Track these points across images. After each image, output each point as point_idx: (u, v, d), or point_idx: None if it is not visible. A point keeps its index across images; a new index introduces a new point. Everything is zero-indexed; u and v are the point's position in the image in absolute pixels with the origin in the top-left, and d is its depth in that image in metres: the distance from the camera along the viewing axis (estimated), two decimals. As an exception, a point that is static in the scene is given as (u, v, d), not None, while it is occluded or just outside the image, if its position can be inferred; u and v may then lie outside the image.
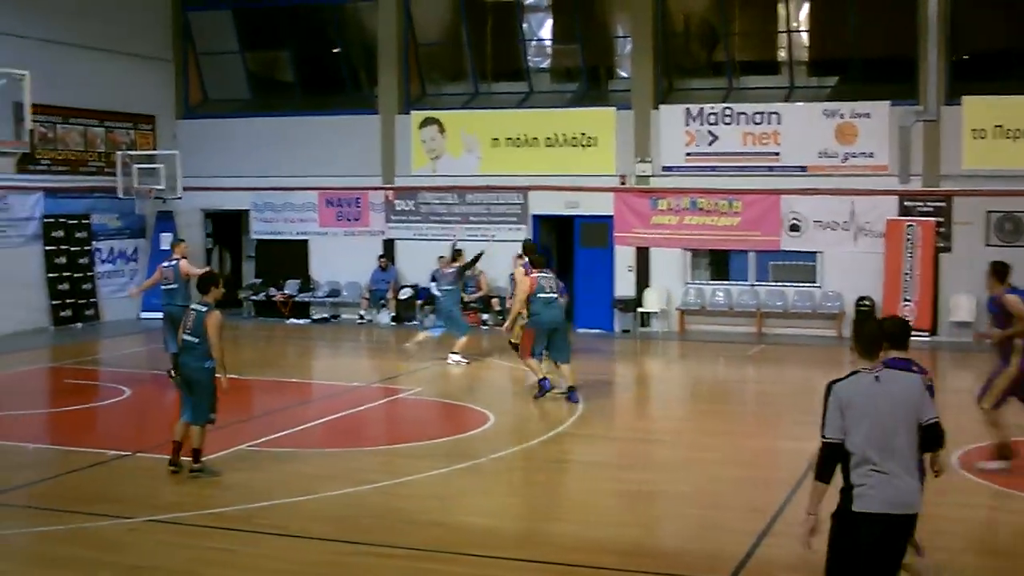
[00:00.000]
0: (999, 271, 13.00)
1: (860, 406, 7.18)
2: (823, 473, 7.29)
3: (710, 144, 25.57)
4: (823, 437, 7.27)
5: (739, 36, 27.51)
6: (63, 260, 26.49)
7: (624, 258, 26.26)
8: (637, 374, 22.43)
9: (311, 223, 28.93)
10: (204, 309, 12.60)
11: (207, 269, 14.47)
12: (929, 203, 24.23)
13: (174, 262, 18.25)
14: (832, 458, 7.25)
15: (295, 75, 30.30)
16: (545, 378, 17.36)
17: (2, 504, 11.89)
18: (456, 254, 21.74)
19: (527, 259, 18.79)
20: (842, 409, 7.21)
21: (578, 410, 16.59)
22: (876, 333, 7.45)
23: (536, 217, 26.98)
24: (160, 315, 19.08)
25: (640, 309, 26.04)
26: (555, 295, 17.58)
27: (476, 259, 21.92)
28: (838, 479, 7.29)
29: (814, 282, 25.30)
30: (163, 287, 18.38)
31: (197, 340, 12.48)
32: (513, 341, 19.14)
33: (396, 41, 28.11)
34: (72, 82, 26.48)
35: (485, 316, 26.75)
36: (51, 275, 26.17)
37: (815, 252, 25.21)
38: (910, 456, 7.20)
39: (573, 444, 14.82)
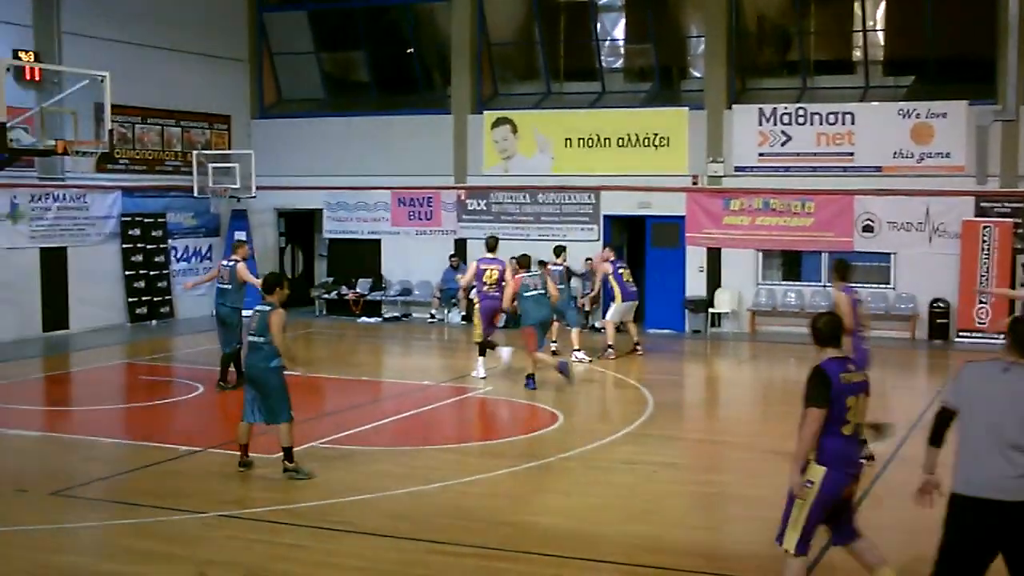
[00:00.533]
0: (839, 268, 14.16)
1: (975, 389, 7.43)
2: (931, 436, 7.67)
3: (783, 144, 25.41)
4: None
5: (813, 35, 27.30)
6: (139, 258, 26.85)
7: (695, 258, 26.16)
8: (707, 375, 22.33)
9: (383, 222, 29.10)
10: (267, 309, 12.67)
11: (271, 272, 14.49)
12: (1007, 204, 23.92)
13: (232, 263, 18.23)
14: (939, 422, 7.62)
15: (369, 75, 30.50)
16: (563, 360, 18.59)
17: (78, 497, 12.09)
18: (559, 251, 22.14)
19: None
20: (959, 385, 7.55)
21: (648, 410, 16.56)
22: None
23: (607, 217, 26.95)
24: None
25: (711, 310, 25.94)
26: (541, 291, 18.58)
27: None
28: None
29: (888, 283, 25.06)
30: (218, 285, 18.41)
31: (262, 340, 12.56)
32: (476, 341, 19.74)
33: (469, 41, 28.20)
34: (150, 83, 26.88)
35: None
36: (128, 272, 26.54)
37: (889, 253, 24.97)
38: (1018, 449, 7.21)
39: (643, 444, 14.77)
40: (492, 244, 20.11)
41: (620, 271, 22.28)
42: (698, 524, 11.35)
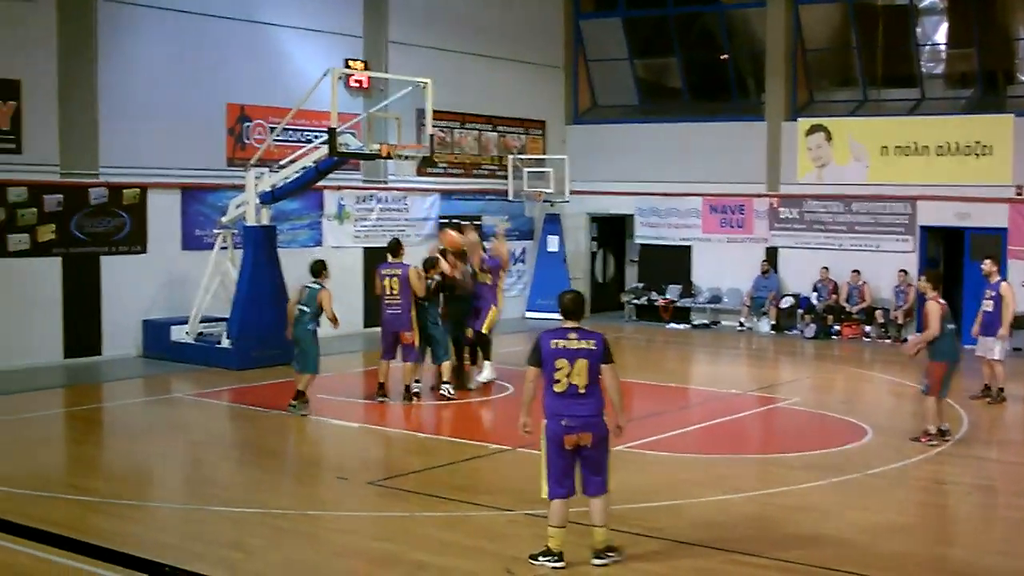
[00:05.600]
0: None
1: None
2: None
3: (1119, 152, 24.12)
4: None
5: None
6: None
7: (1018, 272, 25.03)
8: (1029, 394, 21.39)
9: (694, 229, 29.11)
10: None
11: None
12: None
13: None
14: None
15: (682, 81, 30.53)
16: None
17: (395, 488, 12.61)
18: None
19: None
20: None
21: (963, 429, 16.03)
22: None
23: (923, 228, 26.16)
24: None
25: (1034, 327, 24.79)
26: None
27: None
28: None
29: None
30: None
31: None
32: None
33: (784, 47, 27.91)
34: (469, 89, 27.75)
35: (868, 328, 26.17)
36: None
37: None
38: None
39: (956, 465, 14.30)
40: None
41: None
42: (1016, 552, 10.89)
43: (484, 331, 18.94)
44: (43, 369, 19.97)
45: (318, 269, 16.66)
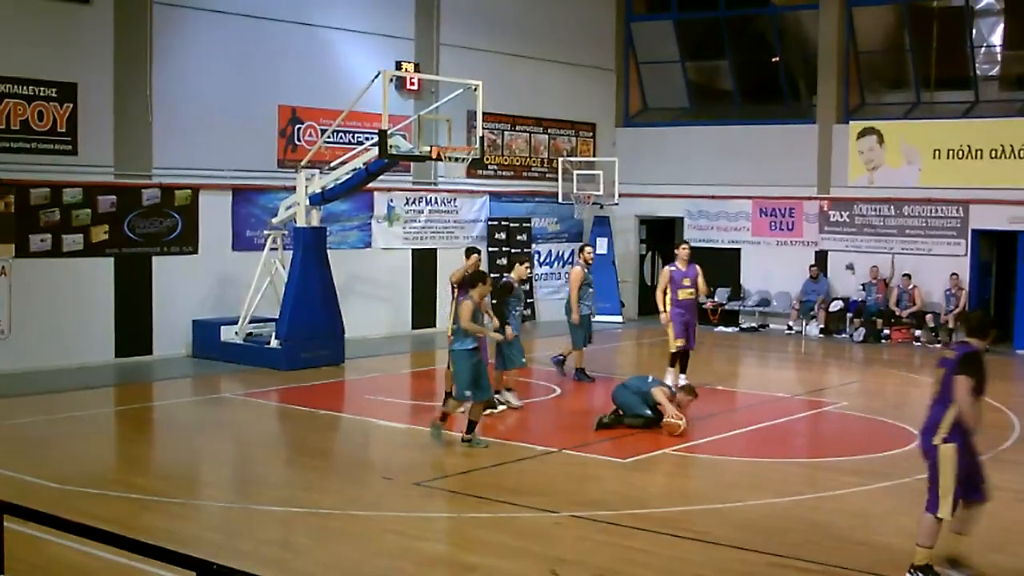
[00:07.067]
0: None
1: None
2: None
3: None
4: None
5: None
6: (504, 261, 27.70)
7: (1073, 278, 24.84)
8: (1083, 400, 21.16)
9: (744, 232, 29.01)
10: None
11: None
12: None
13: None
14: None
15: (733, 84, 30.43)
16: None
17: (439, 488, 12.67)
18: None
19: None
20: None
21: (1014, 435, 15.86)
22: None
23: (976, 232, 25.91)
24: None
25: (1090, 330, 24.56)
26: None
27: None
28: None
29: None
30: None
31: None
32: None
33: (836, 49, 27.76)
34: (519, 91, 27.83)
35: (918, 332, 25.97)
36: (492, 276, 27.32)
37: None
38: None
39: (1007, 471, 14.09)
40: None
41: None
42: (1066, 559, 10.78)
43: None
44: (95, 368, 20.20)
45: (472, 280, 14.90)
